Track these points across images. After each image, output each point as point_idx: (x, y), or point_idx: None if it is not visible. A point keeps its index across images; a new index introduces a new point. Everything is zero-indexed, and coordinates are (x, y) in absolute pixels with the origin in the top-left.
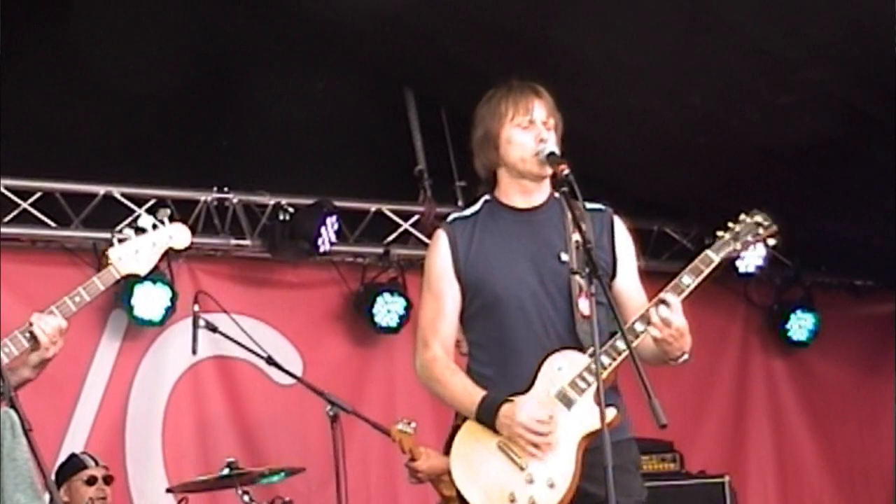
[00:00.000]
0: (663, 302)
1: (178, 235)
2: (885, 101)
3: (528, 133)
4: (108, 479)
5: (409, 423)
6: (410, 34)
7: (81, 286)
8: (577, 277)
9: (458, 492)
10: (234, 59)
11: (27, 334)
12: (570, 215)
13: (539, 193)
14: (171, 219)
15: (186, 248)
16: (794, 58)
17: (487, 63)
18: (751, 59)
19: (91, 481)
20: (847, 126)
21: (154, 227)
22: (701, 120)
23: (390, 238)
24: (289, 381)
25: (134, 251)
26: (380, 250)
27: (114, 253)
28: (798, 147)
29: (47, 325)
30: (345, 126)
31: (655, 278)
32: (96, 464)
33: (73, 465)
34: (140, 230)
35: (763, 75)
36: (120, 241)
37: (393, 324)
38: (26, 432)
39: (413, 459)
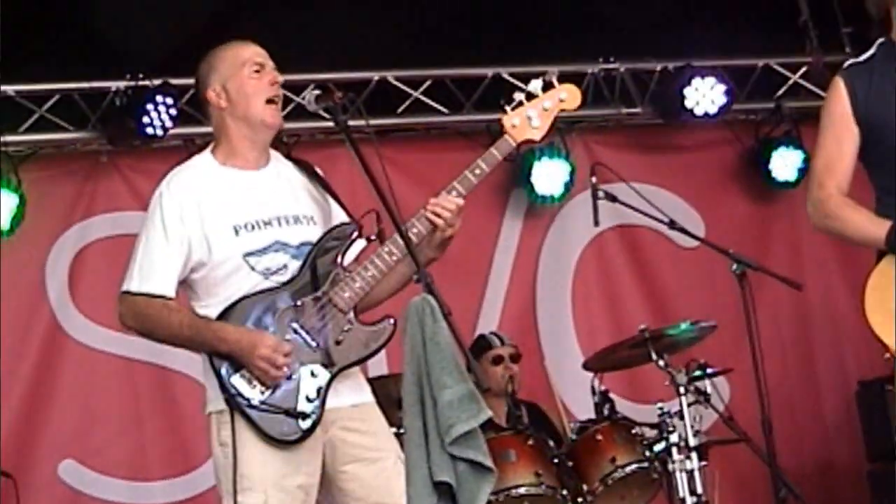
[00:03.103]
0: None
1: (569, 95)
2: None
3: None
4: (514, 357)
5: None
6: None
7: (479, 158)
8: None
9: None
10: None
11: (423, 219)
12: None
13: None
14: (560, 80)
15: (577, 112)
16: None
17: None
18: None
19: (497, 360)
20: None
21: (544, 89)
22: None
23: (781, 92)
24: (692, 243)
25: (527, 117)
26: (771, 105)
27: (507, 121)
28: None
29: (441, 208)
30: None
31: None
32: (502, 343)
33: (480, 345)
34: (530, 95)
35: None
36: (512, 108)
37: (791, 177)
38: (446, 316)
39: None
